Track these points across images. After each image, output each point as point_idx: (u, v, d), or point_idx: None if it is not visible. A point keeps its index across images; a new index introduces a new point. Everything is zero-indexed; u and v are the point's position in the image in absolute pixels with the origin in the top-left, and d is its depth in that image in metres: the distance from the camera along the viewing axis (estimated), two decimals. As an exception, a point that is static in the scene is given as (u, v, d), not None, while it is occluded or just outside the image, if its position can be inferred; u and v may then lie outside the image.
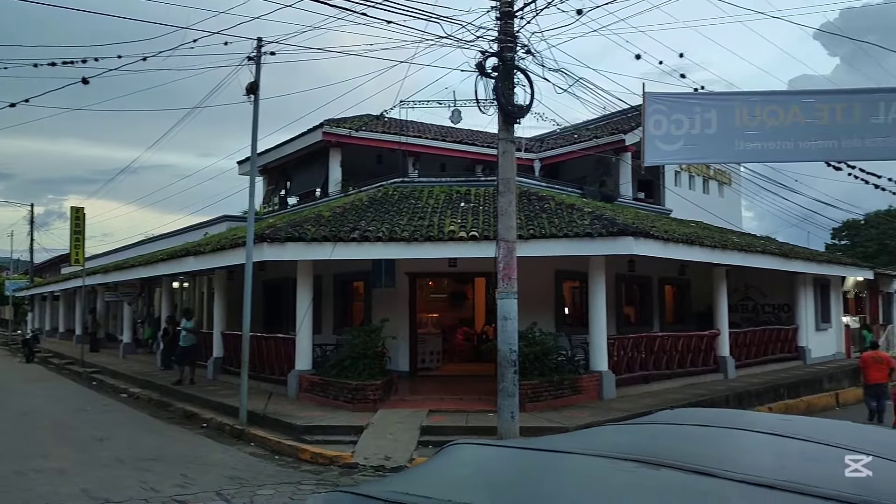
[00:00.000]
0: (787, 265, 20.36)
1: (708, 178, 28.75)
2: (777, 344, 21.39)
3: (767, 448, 2.17)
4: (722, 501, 1.61)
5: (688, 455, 1.99)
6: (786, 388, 17.65)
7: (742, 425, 2.57)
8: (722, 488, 1.65)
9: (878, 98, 10.54)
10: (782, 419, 3.07)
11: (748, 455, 2.08)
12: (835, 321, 25.17)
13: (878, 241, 49.17)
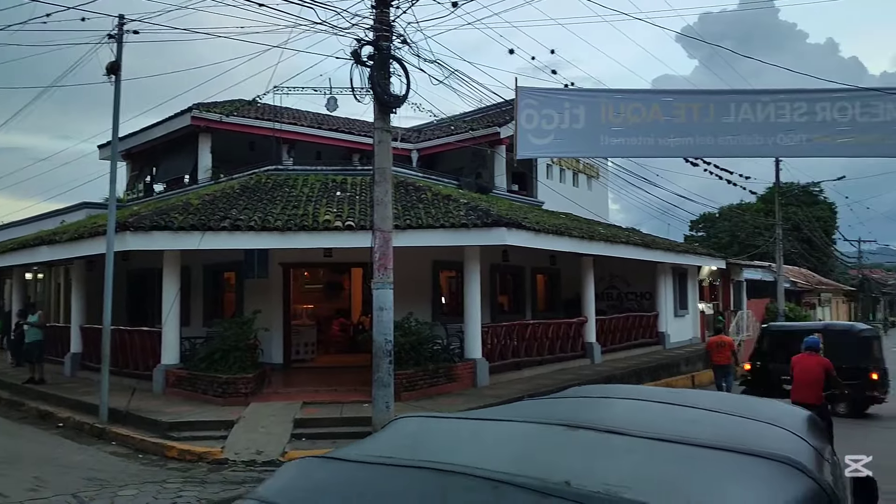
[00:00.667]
0: (649, 255, 21.53)
1: (578, 171, 29.87)
2: (640, 330, 22.58)
3: (661, 412, 2.71)
4: (630, 453, 2.05)
5: (600, 419, 2.54)
6: (647, 371, 18.69)
7: (639, 396, 3.19)
8: (630, 443, 2.13)
9: (730, 99, 11.30)
10: (671, 391, 3.86)
11: (646, 417, 2.59)
12: (691, 308, 26.88)
13: (730, 233, 52.79)
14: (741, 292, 33.32)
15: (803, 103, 11.00)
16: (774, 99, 11.12)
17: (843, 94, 11.20)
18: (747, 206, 52.85)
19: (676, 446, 2.10)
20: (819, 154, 11.65)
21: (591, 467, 1.93)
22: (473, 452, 2.16)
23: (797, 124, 11.12)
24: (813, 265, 51.36)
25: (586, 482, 1.69)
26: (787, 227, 41.75)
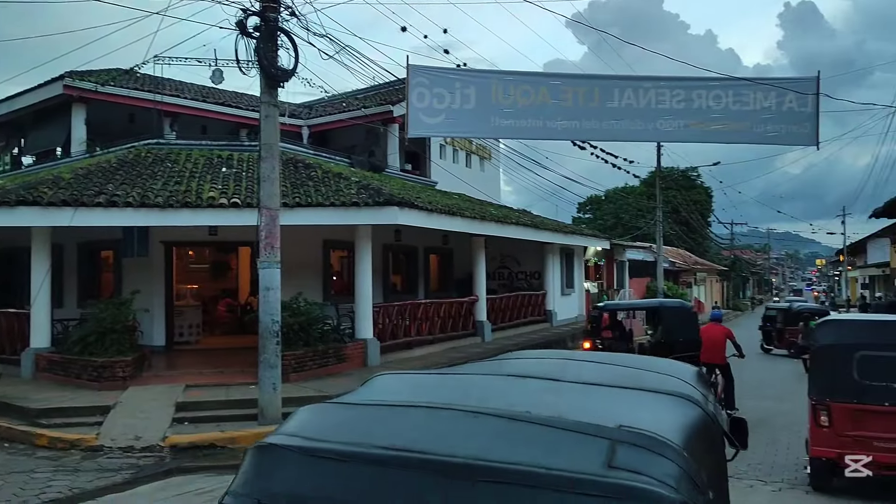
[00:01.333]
0: (538, 235, 22.07)
1: (470, 152, 30.15)
2: (529, 308, 23.16)
3: (587, 367, 3.50)
4: (570, 393, 2.73)
5: (541, 372, 3.17)
6: (536, 347, 19.17)
7: (569, 357, 3.95)
8: (568, 387, 2.82)
9: (614, 85, 11.68)
10: (592, 353, 5.20)
11: (576, 370, 3.31)
12: (577, 286, 27.81)
13: (615, 215, 54.77)
14: (624, 272, 34.72)
15: (681, 91, 11.51)
16: (655, 86, 11.57)
17: (718, 84, 11.79)
18: (631, 190, 55.01)
19: (603, 388, 2.79)
20: (695, 139, 12.23)
21: (541, 403, 2.42)
22: (448, 396, 2.67)
23: (676, 111, 11.62)
24: (690, 246, 54.21)
25: (540, 411, 2.24)
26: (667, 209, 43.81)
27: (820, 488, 8.00)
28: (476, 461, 1.91)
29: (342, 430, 2.23)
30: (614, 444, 1.95)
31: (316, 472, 2.04)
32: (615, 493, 1.77)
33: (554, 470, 1.85)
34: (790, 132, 11.72)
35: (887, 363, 7.64)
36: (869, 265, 44.96)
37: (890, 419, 7.53)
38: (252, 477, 2.12)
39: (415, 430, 2.18)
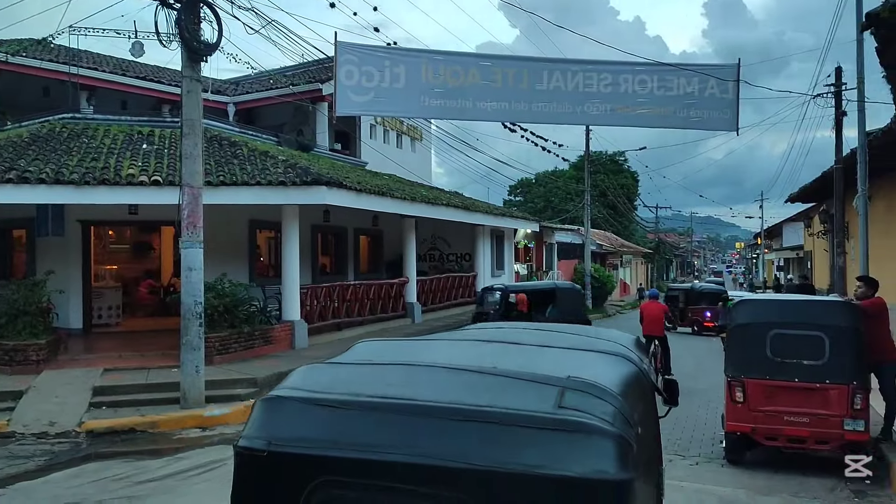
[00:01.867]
0: (469, 217, 22.15)
1: (401, 133, 29.97)
2: (459, 289, 23.28)
3: (539, 333, 3.98)
4: (528, 353, 3.19)
5: (502, 336, 3.73)
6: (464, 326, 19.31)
7: (524, 327, 4.62)
8: (526, 349, 3.30)
9: (543, 67, 11.75)
10: (542, 324, 5.44)
11: (531, 335, 3.84)
12: (507, 268, 28.08)
13: (545, 198, 55.54)
14: (553, 254, 35.29)
15: (608, 75, 11.67)
16: (583, 69, 11.70)
17: (643, 69, 12.00)
18: (561, 174, 55.81)
19: (556, 349, 3.28)
20: (622, 123, 12.43)
21: (505, 361, 2.84)
22: (422, 356, 3.07)
23: (603, 94, 11.79)
24: (617, 229, 55.42)
25: (504, 366, 2.68)
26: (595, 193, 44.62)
27: (734, 461, 8.32)
28: (452, 405, 2.32)
29: (336, 384, 2.64)
30: (563, 390, 2.38)
31: (316, 417, 2.42)
32: (564, 427, 2.21)
33: (515, 410, 2.27)
34: (712, 117, 12.05)
35: (797, 341, 7.97)
36: (784, 248, 46.89)
37: (799, 394, 7.87)
38: (262, 423, 2.48)
39: (399, 382, 2.59)
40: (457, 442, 2.24)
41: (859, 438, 7.68)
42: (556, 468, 2.13)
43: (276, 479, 2.39)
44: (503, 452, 2.19)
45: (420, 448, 2.25)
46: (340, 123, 22.58)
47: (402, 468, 2.25)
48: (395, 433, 2.30)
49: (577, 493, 2.13)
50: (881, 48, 7.80)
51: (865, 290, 8.97)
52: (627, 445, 2.22)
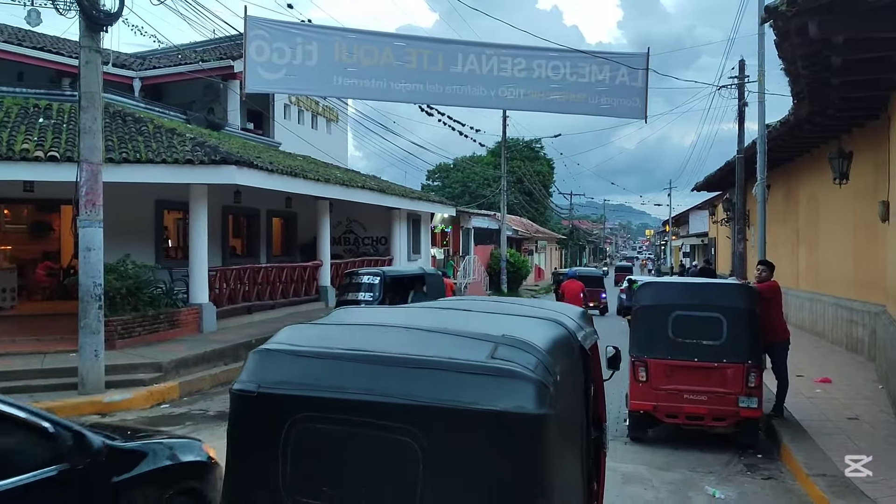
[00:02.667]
0: (385, 200, 22.03)
1: (317, 113, 29.48)
2: (374, 273, 23.14)
3: (488, 304, 4.46)
4: (479, 318, 3.66)
5: (456, 305, 4.31)
6: (379, 313, 19.24)
7: (485, 299, 5.46)
8: (477, 315, 3.78)
9: (458, 49, 11.73)
10: (489, 297, 6.92)
11: (480, 304, 4.34)
12: (424, 252, 28.10)
13: (463, 184, 55.85)
14: (470, 239, 35.49)
15: (522, 59, 11.76)
16: (498, 53, 11.74)
17: (556, 55, 12.16)
18: (479, 159, 56.20)
19: (500, 315, 3.77)
20: (536, 108, 12.57)
21: (455, 323, 3.39)
22: (386, 319, 3.66)
23: (517, 79, 11.87)
24: (532, 215, 56.36)
25: (459, 329, 3.19)
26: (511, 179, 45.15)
27: (637, 439, 8.59)
28: (404, 355, 2.88)
29: (313, 339, 3.23)
30: (497, 345, 2.89)
31: (296, 366, 2.95)
32: (493, 373, 2.72)
33: (456, 359, 2.80)
34: (622, 105, 12.32)
35: (697, 322, 8.28)
36: (691, 235, 48.73)
37: (698, 373, 8.19)
38: (253, 371, 2.98)
39: (364, 338, 3.15)
40: (407, 384, 2.76)
41: (753, 415, 8.06)
42: (486, 404, 2.64)
43: (263, 416, 2.92)
44: (445, 392, 2.70)
45: (377, 389, 2.77)
46: (253, 102, 22.00)
47: (364, 405, 2.77)
48: (358, 378, 2.83)
49: (501, 423, 2.63)
50: (779, 41, 8.13)
51: (768, 273, 9.39)
52: (545, 388, 2.72)
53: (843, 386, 10.58)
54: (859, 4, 6.59)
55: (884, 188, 11.15)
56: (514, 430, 2.63)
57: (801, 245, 17.87)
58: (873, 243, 12.37)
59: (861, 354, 12.98)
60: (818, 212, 16.10)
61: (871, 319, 12.27)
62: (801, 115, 12.03)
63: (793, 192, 18.45)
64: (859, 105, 11.07)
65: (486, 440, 2.67)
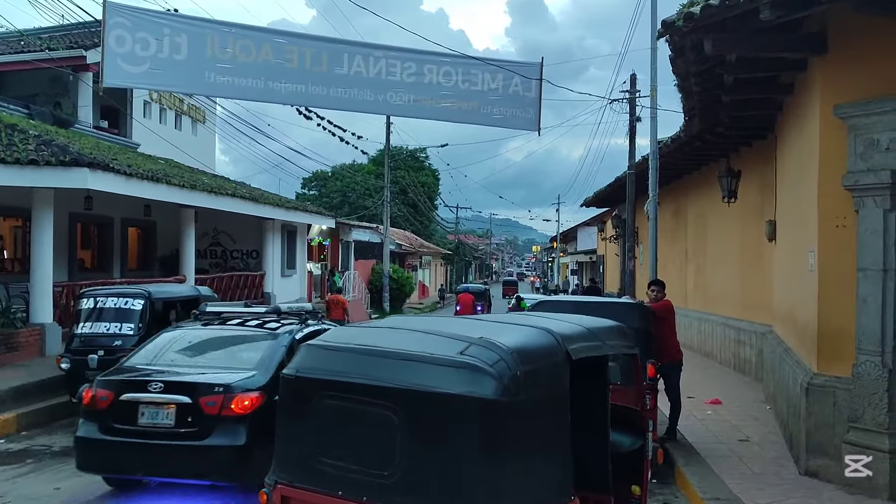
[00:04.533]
0: (257, 210, 21.54)
1: (181, 112, 28.52)
2: (245, 290, 22.51)
3: (519, 316, 5.49)
4: (475, 328, 4.28)
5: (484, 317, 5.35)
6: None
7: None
8: (486, 323, 4.60)
9: (343, 50, 11.67)
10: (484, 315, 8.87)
11: (510, 317, 5.15)
12: (300, 267, 27.66)
13: (342, 193, 55.49)
14: (350, 253, 35.29)
15: (412, 64, 11.83)
16: (386, 55, 11.77)
17: (449, 60, 12.32)
18: (359, 168, 56.09)
19: (500, 324, 4.45)
20: (425, 116, 12.67)
21: (454, 329, 4.21)
22: (410, 325, 4.68)
23: (406, 84, 11.93)
24: (417, 229, 56.71)
25: (448, 331, 4.10)
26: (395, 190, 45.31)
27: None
28: (394, 349, 3.95)
29: (344, 338, 4.44)
30: (470, 344, 3.78)
31: (325, 356, 4.13)
32: (457, 365, 3.66)
33: (432, 354, 3.79)
34: (515, 116, 12.61)
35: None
36: (579, 252, 50.51)
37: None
38: (297, 360, 4.21)
39: (377, 338, 4.25)
40: (391, 372, 3.79)
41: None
42: (448, 388, 3.61)
43: (299, 394, 4.10)
44: (419, 378, 3.70)
45: (372, 375, 3.83)
46: (108, 97, 21.01)
47: (361, 387, 3.85)
48: (360, 366, 3.93)
49: (458, 404, 3.58)
50: (674, 56, 8.59)
51: (658, 293, 9.81)
52: (499, 379, 3.58)
53: (733, 407, 11.20)
54: (750, 24, 7.06)
55: (770, 208, 11.97)
56: (466, 410, 3.58)
57: (689, 264, 18.87)
58: (760, 263, 13.23)
59: (749, 375, 13.81)
60: (707, 230, 17.06)
61: (758, 339, 13.08)
62: (692, 132, 12.74)
63: (682, 209, 19.46)
64: (748, 124, 11.86)
65: (446, 417, 3.63)
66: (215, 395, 6.71)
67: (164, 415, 6.74)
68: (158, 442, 6.71)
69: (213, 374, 7.14)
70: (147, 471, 7.01)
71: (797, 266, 8.94)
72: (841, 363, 7.19)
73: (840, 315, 7.19)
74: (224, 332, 8.22)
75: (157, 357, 7.63)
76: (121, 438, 6.77)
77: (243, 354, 7.72)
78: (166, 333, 8.24)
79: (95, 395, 6.95)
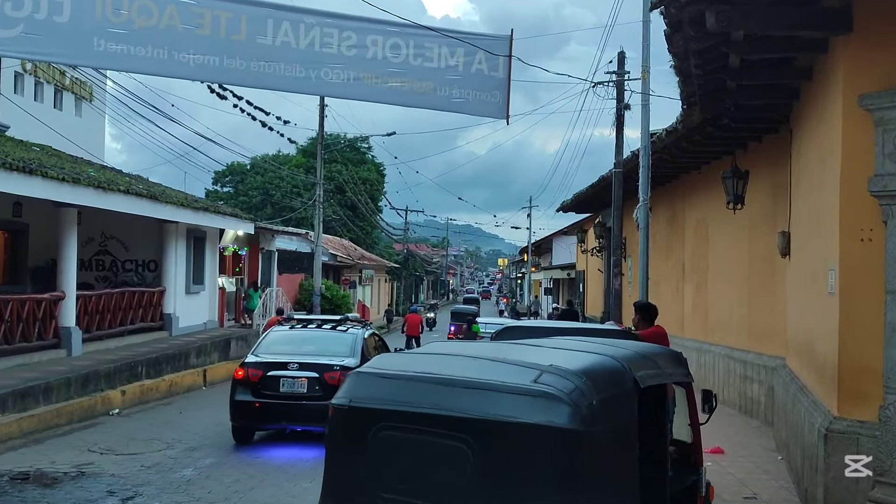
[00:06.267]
0: (156, 210, 21.30)
1: (62, 88, 28.17)
2: (140, 310, 22.24)
3: (582, 341, 5.91)
4: (545, 353, 4.92)
5: (525, 339, 6.19)
6: (147, 364, 18.49)
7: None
8: (540, 349, 5.16)
9: (268, 14, 11.56)
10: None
11: (563, 342, 5.84)
12: (209, 282, 27.40)
13: (264, 191, 55.15)
14: (272, 265, 35.01)
15: (353, 34, 11.79)
16: (321, 23, 11.70)
17: (398, 31, 12.29)
18: (285, 160, 55.87)
19: (550, 349, 5.14)
20: (368, 98, 12.62)
21: (518, 355, 4.77)
22: (464, 351, 5.28)
23: (345, 58, 11.88)
24: (357, 236, 56.59)
25: (514, 359, 4.66)
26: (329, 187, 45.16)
27: None
28: (468, 378, 4.37)
29: (397, 365, 4.89)
30: (542, 372, 4.27)
31: (382, 385, 4.55)
32: (533, 394, 4.11)
33: (504, 382, 4.24)
34: (478, 100, 12.62)
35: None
36: (554, 266, 50.89)
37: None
38: (347, 389, 4.61)
39: (435, 365, 4.69)
40: (463, 400, 4.22)
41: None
42: (524, 418, 4.04)
43: (353, 425, 4.51)
44: (493, 408, 4.12)
45: (442, 404, 4.24)
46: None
47: (431, 417, 4.25)
48: (428, 395, 4.32)
49: (535, 434, 4.02)
50: (671, 32, 8.75)
51: (640, 321, 9.96)
52: (576, 408, 4.04)
53: (738, 457, 11.38)
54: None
55: (784, 216, 12.22)
56: (542, 441, 4.03)
57: (686, 282, 19.16)
58: (771, 282, 13.50)
59: (757, 417, 14.06)
60: (708, 242, 17.34)
61: (768, 375, 13.34)
62: (691, 124, 12.97)
63: (678, 216, 19.78)
64: (758, 115, 12.11)
65: (522, 448, 4.06)
66: (335, 371, 12.72)
67: (299, 384, 12.99)
68: (295, 402, 12.94)
69: (328, 358, 13.28)
70: (287, 422, 13.32)
71: (815, 287, 9.13)
72: (866, 405, 7.33)
73: (865, 347, 7.33)
74: (312, 332, 14.77)
75: (275, 348, 13.90)
76: (268, 401, 12.97)
77: (334, 346, 13.84)
78: (273, 333, 15.03)
79: (248, 372, 13.21)
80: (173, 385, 18.86)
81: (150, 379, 18.13)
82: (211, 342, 23.13)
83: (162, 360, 19.48)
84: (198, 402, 18.05)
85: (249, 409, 13.09)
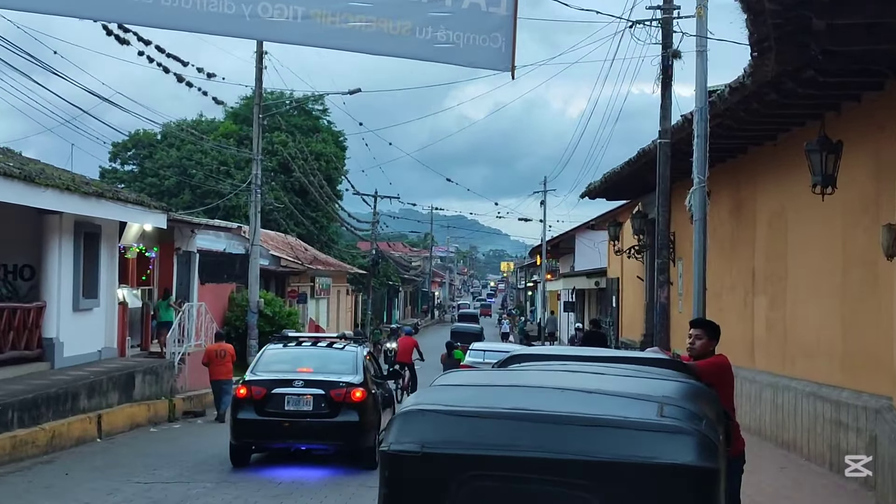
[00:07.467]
0: (32, 197, 21.11)
1: None
2: (9, 334, 22.07)
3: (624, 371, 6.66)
4: (624, 382, 6.03)
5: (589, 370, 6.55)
6: (17, 409, 18.30)
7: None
8: (621, 379, 6.17)
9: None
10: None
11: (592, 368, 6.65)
12: (105, 296, 27.15)
13: (181, 169, 54.73)
14: (191, 271, 34.73)
15: (302, -47, 11.74)
16: (259, -60, 11.66)
17: (363, -51, 12.24)
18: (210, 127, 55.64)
19: (641, 379, 6.08)
20: (322, 42, 12.54)
21: (594, 385, 5.45)
22: (525, 380, 6.12)
23: (291, -11, 11.84)
24: (308, 231, 56.26)
25: (615, 390, 5.40)
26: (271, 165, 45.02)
27: None
28: (581, 414, 4.79)
29: (470, 400, 5.25)
30: (662, 405, 4.87)
31: (463, 425, 4.84)
32: (666, 430, 4.62)
33: (627, 418, 4.73)
34: (473, 45, 12.51)
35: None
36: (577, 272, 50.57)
37: None
38: (409, 432, 4.84)
39: (523, 398, 5.15)
40: (583, 441, 4.59)
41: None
42: (665, 458, 4.47)
43: (428, 476, 4.76)
44: (622, 448, 4.54)
45: (553, 447, 4.59)
46: None
47: (539, 462, 4.58)
48: (531, 436, 4.68)
49: (676, 476, 4.48)
50: (736, -48, 8.71)
51: (705, 341, 9.88)
52: (710, 445, 4.62)
53: (828, 532, 11.37)
54: None
55: (890, 204, 12.16)
56: (688, 483, 4.53)
57: (758, 294, 19.09)
58: (874, 293, 13.43)
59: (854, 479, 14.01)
60: (787, 239, 17.26)
61: (870, 420, 13.28)
62: (763, 78, 12.92)
63: (746, 205, 19.73)
64: (853, 67, 12.07)
65: (661, 492, 4.52)
66: (340, 388, 16.35)
67: (304, 402, 16.35)
68: (300, 420, 16.43)
69: (331, 375, 16.81)
70: (293, 440, 16.83)
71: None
72: None
73: None
74: (308, 350, 18.87)
75: (275, 367, 17.56)
76: (272, 419, 16.34)
77: (335, 364, 17.63)
78: (269, 350, 18.91)
79: (251, 390, 16.59)
80: (56, 436, 18.71)
81: (23, 428, 17.92)
82: (108, 377, 22.97)
83: (40, 401, 19.32)
84: (91, 461, 17.95)
85: (253, 428, 16.72)
